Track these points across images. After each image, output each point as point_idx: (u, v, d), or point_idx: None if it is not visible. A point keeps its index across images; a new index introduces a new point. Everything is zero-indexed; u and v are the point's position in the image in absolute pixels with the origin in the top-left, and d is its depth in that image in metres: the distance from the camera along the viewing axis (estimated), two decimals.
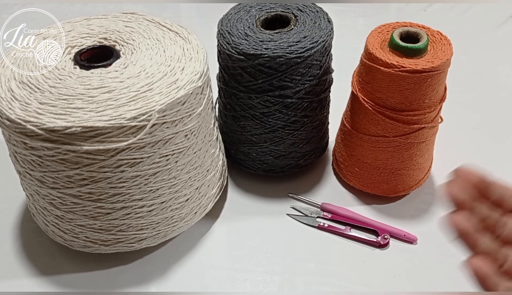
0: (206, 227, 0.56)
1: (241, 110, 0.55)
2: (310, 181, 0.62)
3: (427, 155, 0.57)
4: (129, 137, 0.42)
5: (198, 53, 0.48)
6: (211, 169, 0.53)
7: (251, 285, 0.51)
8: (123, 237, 0.49)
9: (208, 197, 0.54)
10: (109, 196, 0.45)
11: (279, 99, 0.52)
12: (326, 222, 0.56)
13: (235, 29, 0.52)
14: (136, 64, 0.46)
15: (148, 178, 0.45)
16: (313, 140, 0.58)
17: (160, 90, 0.43)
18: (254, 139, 0.56)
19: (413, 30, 0.50)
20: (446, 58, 0.48)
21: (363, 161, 0.57)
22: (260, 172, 0.60)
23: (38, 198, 0.48)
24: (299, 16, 0.53)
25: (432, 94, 0.50)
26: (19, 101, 0.42)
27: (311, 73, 0.51)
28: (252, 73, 0.50)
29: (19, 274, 0.52)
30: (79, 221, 0.47)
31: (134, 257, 0.53)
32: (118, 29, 0.51)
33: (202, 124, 0.48)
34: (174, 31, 0.51)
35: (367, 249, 0.54)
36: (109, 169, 0.43)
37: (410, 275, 0.52)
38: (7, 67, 0.46)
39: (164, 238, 0.51)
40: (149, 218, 0.48)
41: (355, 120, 0.55)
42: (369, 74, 0.51)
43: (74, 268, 0.52)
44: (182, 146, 0.46)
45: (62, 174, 0.43)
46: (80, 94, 0.42)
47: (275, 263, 0.53)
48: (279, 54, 0.48)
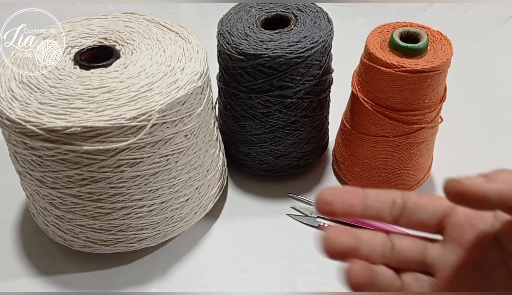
0: (206, 227, 0.56)
1: (241, 110, 0.55)
2: (310, 181, 0.62)
3: (427, 155, 0.57)
4: (129, 137, 0.42)
5: (198, 53, 0.48)
6: (211, 169, 0.53)
7: (251, 285, 0.51)
8: (123, 237, 0.49)
9: (208, 197, 0.54)
10: (109, 196, 0.45)
11: (279, 99, 0.52)
12: (326, 222, 0.56)
13: (235, 29, 0.52)
14: (136, 64, 0.46)
15: (148, 178, 0.45)
16: (313, 140, 0.58)
17: (160, 90, 0.43)
18: (254, 139, 0.56)
19: (413, 30, 0.50)
20: (446, 58, 0.48)
21: (363, 161, 0.57)
22: (260, 172, 0.60)
23: (38, 198, 0.48)
24: (299, 16, 0.53)
25: (432, 94, 0.50)
26: (19, 101, 0.42)
27: (311, 73, 0.51)
28: (252, 73, 0.51)
29: (19, 274, 0.52)
30: (79, 221, 0.47)
31: (134, 257, 0.53)
32: (118, 29, 0.51)
33: (202, 124, 0.48)
34: (174, 31, 0.51)
35: None
36: (109, 169, 0.43)
37: None
38: (7, 67, 0.46)
39: (164, 238, 0.51)
40: (149, 218, 0.48)
41: (355, 120, 0.55)
42: (369, 74, 0.51)
43: (74, 268, 0.52)
44: (182, 146, 0.46)
45: (62, 174, 0.43)
46: (80, 94, 0.42)
47: (275, 263, 0.53)
48: (279, 54, 0.48)
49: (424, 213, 0.27)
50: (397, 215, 0.27)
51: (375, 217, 0.27)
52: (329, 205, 0.26)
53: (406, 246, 0.27)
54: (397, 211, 0.27)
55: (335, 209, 0.26)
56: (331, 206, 0.26)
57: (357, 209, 0.26)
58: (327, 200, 0.26)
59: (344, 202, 0.26)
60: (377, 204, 0.26)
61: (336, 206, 0.26)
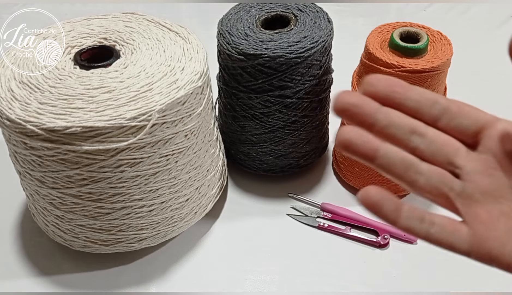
0: (206, 227, 0.56)
1: (241, 110, 0.55)
2: (310, 181, 0.62)
3: None
4: (129, 137, 0.42)
5: (198, 53, 0.48)
6: (211, 169, 0.53)
7: (251, 285, 0.51)
8: (123, 237, 0.49)
9: (208, 197, 0.54)
10: (109, 196, 0.45)
11: (279, 99, 0.52)
12: (326, 222, 0.56)
13: (235, 29, 0.52)
14: (136, 64, 0.46)
15: (148, 178, 0.45)
16: (313, 140, 0.58)
17: (160, 90, 0.43)
18: (254, 139, 0.56)
19: (413, 30, 0.50)
20: (446, 58, 0.48)
21: None
22: (260, 172, 0.60)
23: (38, 198, 0.48)
24: (299, 16, 0.53)
25: None
26: (19, 101, 0.42)
27: (311, 73, 0.51)
28: (252, 73, 0.51)
29: (19, 274, 0.52)
30: (79, 221, 0.47)
31: (134, 257, 0.53)
32: (118, 29, 0.51)
33: (202, 124, 0.48)
34: (174, 31, 0.51)
35: (367, 249, 0.54)
36: (109, 169, 0.43)
37: (410, 275, 0.51)
38: (7, 67, 0.46)
39: (164, 238, 0.51)
40: (149, 218, 0.48)
41: None
42: (369, 74, 0.51)
43: (74, 268, 0.52)
44: (182, 146, 0.46)
45: (62, 174, 0.43)
46: (80, 94, 0.42)
47: (275, 263, 0.53)
48: (279, 54, 0.48)
49: (466, 118, 0.26)
50: (437, 114, 0.26)
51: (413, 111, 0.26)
52: (373, 86, 0.25)
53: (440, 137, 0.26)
54: (438, 110, 0.25)
55: (378, 90, 0.25)
56: (375, 87, 0.25)
57: (398, 96, 0.25)
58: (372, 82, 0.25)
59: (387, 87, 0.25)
60: (420, 98, 0.26)
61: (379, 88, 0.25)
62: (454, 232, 0.25)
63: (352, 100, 0.25)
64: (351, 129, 0.25)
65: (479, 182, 0.25)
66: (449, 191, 0.25)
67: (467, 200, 0.25)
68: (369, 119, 0.25)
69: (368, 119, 0.25)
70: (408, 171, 0.26)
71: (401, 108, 0.26)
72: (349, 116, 0.25)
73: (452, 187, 0.25)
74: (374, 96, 0.25)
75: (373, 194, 0.26)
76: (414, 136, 0.25)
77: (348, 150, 0.25)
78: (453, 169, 0.25)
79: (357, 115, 0.25)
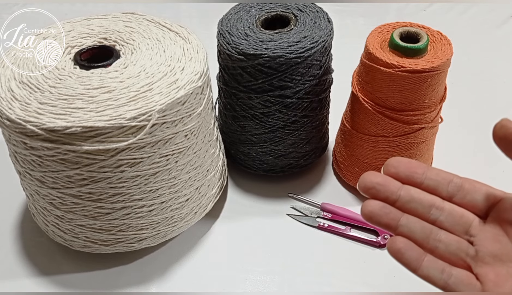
0: (206, 227, 0.56)
1: (241, 110, 0.55)
2: (310, 181, 0.62)
3: (427, 155, 0.57)
4: (129, 137, 0.42)
5: (198, 53, 0.48)
6: (211, 169, 0.53)
7: (251, 285, 0.51)
8: (123, 237, 0.49)
9: (208, 197, 0.54)
10: (109, 196, 0.45)
11: (279, 99, 0.52)
12: (326, 222, 0.56)
13: (235, 29, 0.52)
14: (136, 64, 0.46)
15: (148, 178, 0.45)
16: (313, 140, 0.58)
17: (160, 90, 0.43)
18: (254, 139, 0.56)
19: (413, 30, 0.50)
20: (446, 58, 0.48)
21: (363, 161, 0.57)
22: (260, 172, 0.60)
23: (38, 198, 0.48)
24: (299, 16, 0.53)
25: (432, 94, 0.50)
26: (19, 101, 0.42)
27: (311, 73, 0.51)
28: (252, 73, 0.51)
29: (19, 274, 0.52)
30: (79, 221, 0.47)
31: (134, 257, 0.53)
32: (118, 29, 0.51)
33: (202, 124, 0.48)
34: (174, 31, 0.51)
35: (367, 249, 0.54)
36: (109, 169, 0.43)
37: (410, 275, 0.51)
38: (7, 67, 0.46)
39: (164, 238, 0.51)
40: (149, 218, 0.48)
41: (355, 120, 0.55)
42: (369, 74, 0.51)
43: (74, 268, 0.52)
44: (182, 146, 0.46)
45: (62, 174, 0.43)
46: (80, 94, 0.42)
47: (275, 263, 0.53)
48: (279, 54, 0.48)
49: (478, 194, 0.30)
50: (453, 192, 0.30)
51: (432, 190, 0.30)
52: (395, 168, 0.29)
53: (456, 211, 0.30)
54: (454, 188, 0.30)
55: (400, 172, 0.29)
56: (396, 169, 0.29)
57: (418, 177, 0.30)
58: (393, 164, 0.29)
59: (408, 169, 0.29)
60: (437, 177, 0.30)
61: (401, 170, 0.29)
62: (469, 285, 0.29)
63: (377, 180, 0.29)
64: (374, 202, 0.29)
65: (489, 247, 0.29)
66: (466, 256, 0.30)
67: (479, 262, 0.29)
68: (393, 196, 0.29)
69: (392, 196, 0.29)
70: (428, 238, 0.30)
71: (421, 186, 0.30)
72: (375, 194, 0.29)
73: (468, 252, 0.30)
74: (395, 176, 0.29)
75: (399, 241, 0.30)
76: (433, 210, 0.30)
77: (372, 221, 0.29)
78: (468, 238, 0.30)
79: (382, 192, 0.29)
